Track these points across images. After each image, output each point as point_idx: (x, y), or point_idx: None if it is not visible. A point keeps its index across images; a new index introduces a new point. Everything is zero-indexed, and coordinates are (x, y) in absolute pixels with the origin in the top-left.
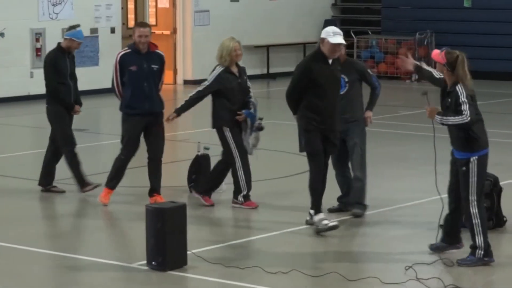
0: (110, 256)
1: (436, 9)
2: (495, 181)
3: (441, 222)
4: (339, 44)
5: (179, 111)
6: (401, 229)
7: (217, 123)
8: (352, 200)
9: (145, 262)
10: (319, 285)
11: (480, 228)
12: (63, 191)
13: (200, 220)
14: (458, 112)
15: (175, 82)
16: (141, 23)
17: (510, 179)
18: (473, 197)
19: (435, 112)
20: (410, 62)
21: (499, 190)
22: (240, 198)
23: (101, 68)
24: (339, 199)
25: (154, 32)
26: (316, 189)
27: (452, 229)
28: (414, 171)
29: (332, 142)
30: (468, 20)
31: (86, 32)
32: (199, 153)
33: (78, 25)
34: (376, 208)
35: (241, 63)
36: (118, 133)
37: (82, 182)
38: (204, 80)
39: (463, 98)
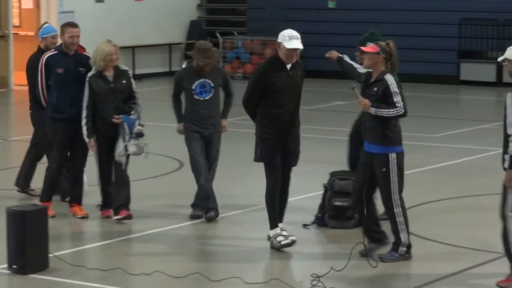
0: None
1: (302, 10)
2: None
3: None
4: (296, 49)
5: (89, 136)
6: (264, 229)
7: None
8: (203, 205)
9: (6, 265)
10: (182, 286)
11: (404, 226)
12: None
13: (62, 223)
14: (390, 103)
15: None
16: (71, 23)
17: None
18: (395, 197)
19: (368, 104)
20: (335, 54)
21: None
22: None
23: None
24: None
25: (17, 34)
26: (271, 201)
27: (375, 227)
28: None
29: (292, 151)
30: (333, 21)
31: None
32: None
33: (45, 22)
34: (239, 208)
35: None
36: None
37: (27, 183)
38: None
39: (394, 88)
